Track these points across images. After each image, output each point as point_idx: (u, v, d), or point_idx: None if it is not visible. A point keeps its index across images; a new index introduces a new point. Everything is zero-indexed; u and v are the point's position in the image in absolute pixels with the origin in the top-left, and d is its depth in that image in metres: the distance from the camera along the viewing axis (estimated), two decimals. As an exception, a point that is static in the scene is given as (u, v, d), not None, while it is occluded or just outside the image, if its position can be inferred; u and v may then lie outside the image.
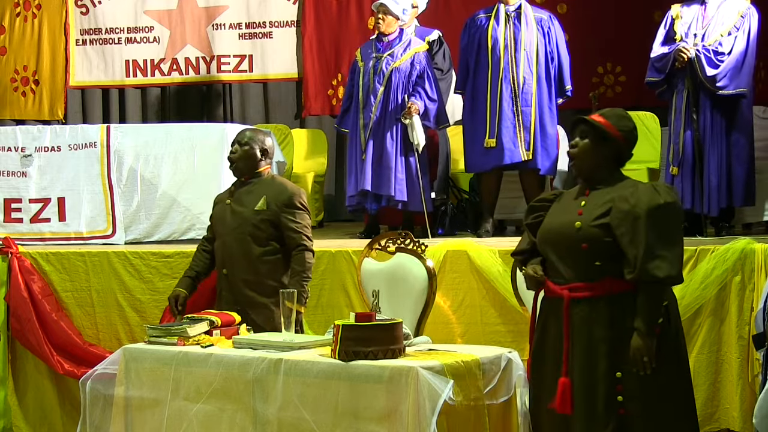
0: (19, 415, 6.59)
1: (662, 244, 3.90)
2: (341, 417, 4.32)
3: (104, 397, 4.98)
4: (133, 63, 10.33)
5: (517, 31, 7.11)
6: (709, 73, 6.55)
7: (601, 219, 4.01)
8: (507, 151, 7.06)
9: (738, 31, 6.61)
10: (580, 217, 4.07)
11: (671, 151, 6.73)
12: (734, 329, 5.56)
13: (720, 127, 6.62)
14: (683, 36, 6.67)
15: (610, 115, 4.15)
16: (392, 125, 7.21)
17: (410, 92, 7.21)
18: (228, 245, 5.42)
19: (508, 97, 7.08)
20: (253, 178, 5.48)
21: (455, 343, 5.66)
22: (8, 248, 6.56)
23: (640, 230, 3.91)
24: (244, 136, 5.51)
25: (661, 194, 3.96)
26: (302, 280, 5.31)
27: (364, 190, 7.20)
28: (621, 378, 3.95)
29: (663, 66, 6.71)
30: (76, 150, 7.19)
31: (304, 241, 5.37)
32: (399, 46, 7.36)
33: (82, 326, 6.53)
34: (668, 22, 6.82)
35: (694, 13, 6.73)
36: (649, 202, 3.94)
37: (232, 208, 5.45)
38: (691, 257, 5.68)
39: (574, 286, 4.05)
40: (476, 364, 4.42)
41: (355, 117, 7.38)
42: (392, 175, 7.16)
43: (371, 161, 7.19)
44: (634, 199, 3.97)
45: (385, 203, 7.26)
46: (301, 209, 5.41)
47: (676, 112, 6.72)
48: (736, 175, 6.64)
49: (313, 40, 10.00)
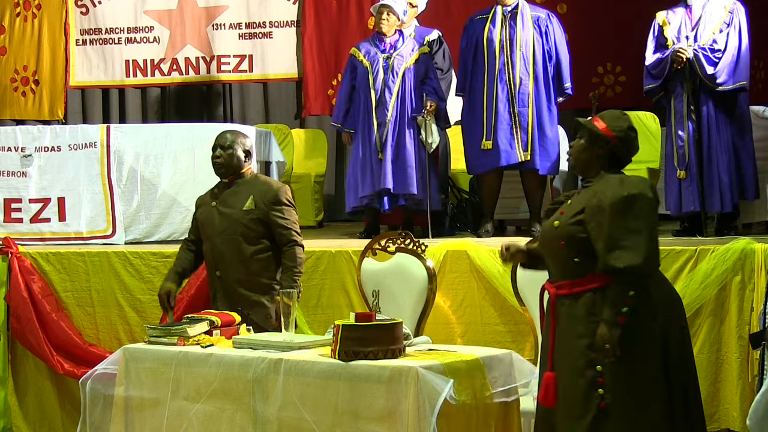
0: (19, 415, 6.59)
1: (624, 235, 3.94)
2: (341, 417, 4.32)
3: (104, 397, 4.98)
4: (133, 63, 10.33)
5: (513, 32, 7.11)
6: (708, 72, 6.57)
7: (577, 216, 4.09)
8: (503, 152, 7.06)
9: (729, 27, 6.64)
10: (560, 216, 4.16)
11: (675, 155, 6.71)
12: (734, 329, 5.56)
13: (724, 125, 6.66)
14: (674, 41, 6.69)
15: (605, 116, 4.23)
16: (409, 124, 7.24)
17: (424, 91, 7.25)
18: (218, 247, 5.43)
19: (504, 99, 7.08)
20: (237, 178, 5.50)
21: (455, 343, 5.66)
22: (8, 248, 6.56)
23: (604, 223, 3.98)
24: (226, 139, 5.51)
25: (625, 186, 4.02)
26: (294, 275, 5.34)
27: (384, 190, 7.20)
28: (601, 371, 3.99)
29: (660, 71, 6.73)
30: (76, 150, 7.19)
31: (294, 237, 5.41)
32: (405, 46, 7.39)
33: (82, 326, 6.54)
34: (656, 30, 6.85)
35: (680, 16, 6.76)
36: (612, 195, 4.00)
37: (219, 210, 5.46)
38: (691, 257, 5.68)
39: (559, 283, 4.14)
40: (476, 364, 4.42)
41: (366, 116, 7.35)
42: (413, 173, 7.18)
43: (391, 161, 7.20)
44: (602, 193, 4.04)
45: (403, 202, 7.27)
46: (288, 205, 5.45)
47: (676, 115, 6.72)
48: (746, 168, 6.70)
49: (313, 40, 10.00)
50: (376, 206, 7.32)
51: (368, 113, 7.34)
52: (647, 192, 4.04)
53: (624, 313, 3.96)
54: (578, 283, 4.08)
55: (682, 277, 5.67)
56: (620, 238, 3.95)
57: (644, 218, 4.01)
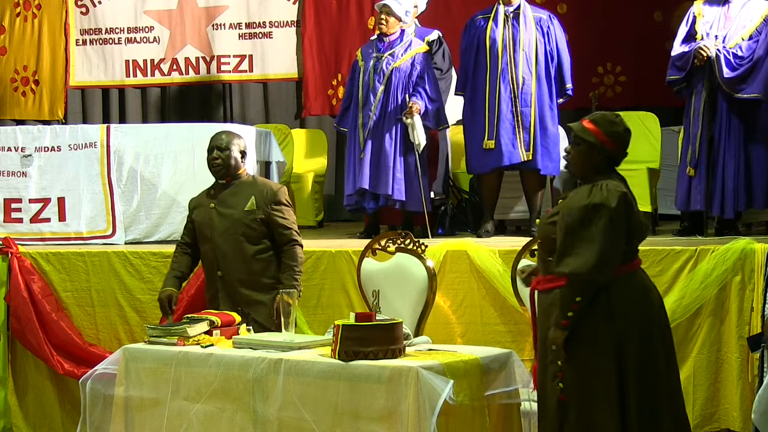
0: (19, 415, 6.59)
1: (577, 243, 4.11)
2: (341, 417, 4.32)
3: (104, 397, 4.98)
4: (133, 63, 10.33)
5: (515, 32, 7.11)
6: (726, 75, 6.50)
7: (552, 217, 4.28)
8: (506, 152, 7.05)
9: (760, 35, 6.54)
10: (542, 215, 4.41)
11: (689, 152, 6.68)
12: (734, 329, 5.56)
13: (738, 131, 6.57)
14: (704, 35, 6.60)
15: (600, 121, 4.31)
16: (392, 125, 7.21)
17: (411, 92, 7.22)
18: (220, 247, 5.45)
19: (507, 98, 7.07)
20: (234, 179, 5.52)
21: (455, 343, 5.66)
22: (8, 248, 6.56)
23: (562, 227, 4.17)
24: (222, 140, 5.54)
25: (592, 195, 4.15)
26: (295, 275, 5.38)
27: (361, 189, 7.21)
28: (561, 366, 4.17)
29: (684, 64, 6.65)
30: (76, 150, 7.18)
31: (295, 237, 5.46)
32: (400, 46, 7.36)
33: (82, 326, 6.54)
34: (690, 19, 6.74)
35: (717, 13, 6.65)
36: (579, 202, 4.17)
37: (218, 211, 5.48)
38: (691, 257, 5.68)
39: (539, 278, 4.36)
40: (476, 364, 4.43)
41: (354, 116, 7.39)
42: (390, 174, 7.16)
43: (369, 160, 7.20)
44: (572, 199, 4.22)
45: (383, 202, 7.26)
46: (287, 205, 5.50)
47: (694, 113, 6.66)
48: (757, 177, 6.60)
49: (313, 40, 10.00)
50: (363, 205, 7.32)
51: (356, 113, 7.36)
52: (611, 202, 4.14)
53: (569, 317, 4.12)
54: (549, 280, 4.26)
55: (682, 277, 5.67)
56: (572, 245, 4.11)
57: (600, 228, 4.11)
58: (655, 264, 5.65)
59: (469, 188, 7.99)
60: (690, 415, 5.52)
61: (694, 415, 5.56)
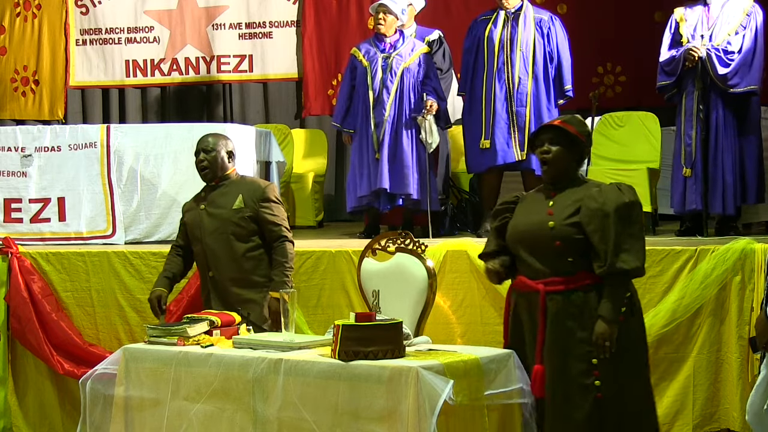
0: (19, 415, 6.59)
1: (628, 239, 4.28)
2: (341, 417, 4.32)
3: (104, 397, 4.98)
4: (133, 63, 10.34)
5: (514, 32, 7.11)
6: (720, 72, 6.55)
7: (572, 218, 4.36)
8: (500, 151, 7.07)
9: (745, 29, 6.62)
10: (551, 217, 4.41)
11: (683, 152, 6.71)
12: (734, 329, 5.56)
13: (732, 126, 6.64)
14: (689, 38, 6.66)
15: (573, 121, 4.53)
16: (408, 124, 7.23)
17: (421, 91, 7.25)
18: (210, 247, 5.47)
19: (503, 98, 7.08)
20: (222, 180, 5.54)
21: (455, 343, 5.66)
22: (8, 248, 6.56)
23: (609, 226, 4.27)
24: (208, 143, 5.56)
25: (625, 193, 4.35)
26: (286, 271, 5.40)
27: (380, 189, 7.20)
28: (597, 364, 4.27)
29: (673, 69, 6.70)
30: (76, 150, 7.19)
31: (285, 233, 5.47)
32: (405, 46, 7.39)
33: (82, 326, 6.54)
34: (672, 25, 6.82)
35: (698, 14, 6.72)
36: (616, 201, 4.32)
37: (208, 211, 5.50)
38: (691, 257, 5.68)
39: (550, 280, 4.38)
40: (476, 364, 4.42)
41: (364, 116, 7.37)
42: (411, 174, 7.18)
43: (387, 160, 7.20)
44: (602, 198, 4.34)
45: (401, 202, 7.27)
46: (276, 202, 5.51)
47: (686, 113, 6.70)
48: (749, 173, 6.68)
49: (313, 40, 10.01)
50: (375, 206, 7.33)
51: (366, 113, 7.34)
52: (638, 199, 4.40)
53: (623, 312, 4.29)
54: (570, 281, 4.34)
55: (682, 277, 5.67)
56: (626, 242, 4.27)
57: (640, 224, 4.38)
58: (655, 264, 5.65)
59: (469, 188, 7.99)
60: (690, 415, 5.57)
61: (694, 415, 5.57)
